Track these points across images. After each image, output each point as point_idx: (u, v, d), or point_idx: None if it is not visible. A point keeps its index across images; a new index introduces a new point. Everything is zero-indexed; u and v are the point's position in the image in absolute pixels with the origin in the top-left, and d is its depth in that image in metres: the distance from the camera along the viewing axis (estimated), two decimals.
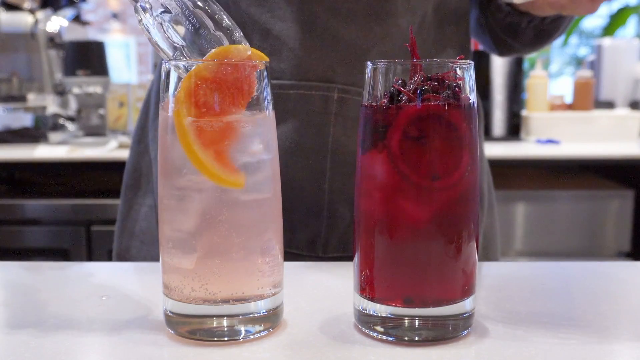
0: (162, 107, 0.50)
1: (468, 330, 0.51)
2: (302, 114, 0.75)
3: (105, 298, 0.60)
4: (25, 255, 1.96)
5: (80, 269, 0.73)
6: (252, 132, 0.50)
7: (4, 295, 0.63)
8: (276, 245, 0.52)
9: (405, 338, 0.49)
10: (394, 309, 0.49)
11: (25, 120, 2.40)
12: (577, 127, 2.32)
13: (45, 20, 2.35)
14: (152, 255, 0.85)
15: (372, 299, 0.50)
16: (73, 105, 2.38)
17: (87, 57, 2.26)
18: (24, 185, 2.14)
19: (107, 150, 2.03)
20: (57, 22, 2.42)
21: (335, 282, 0.65)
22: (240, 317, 0.50)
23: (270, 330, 0.51)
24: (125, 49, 7.31)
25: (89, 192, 2.03)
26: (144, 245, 0.86)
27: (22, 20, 2.34)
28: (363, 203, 0.51)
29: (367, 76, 0.50)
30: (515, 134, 2.34)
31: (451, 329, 0.50)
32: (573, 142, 2.27)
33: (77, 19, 2.85)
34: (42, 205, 1.95)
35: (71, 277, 0.68)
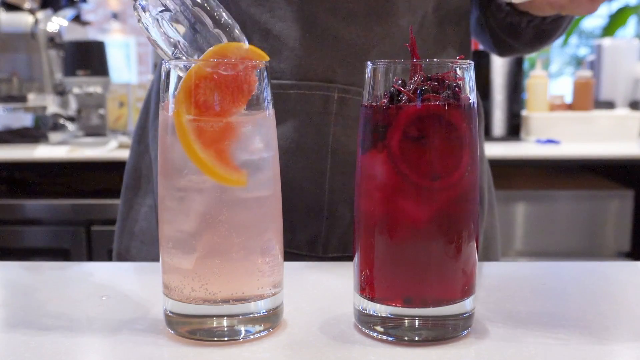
0: (162, 107, 0.50)
1: (468, 330, 0.51)
2: (302, 114, 0.75)
3: (105, 298, 0.60)
4: (25, 255, 1.96)
5: (80, 269, 0.73)
6: (253, 132, 0.50)
7: (4, 295, 0.63)
8: (276, 245, 0.52)
9: (405, 338, 0.49)
10: (394, 309, 0.49)
11: (25, 120, 2.40)
12: (577, 127, 2.32)
13: (45, 20, 2.35)
14: (152, 255, 0.85)
15: (372, 299, 0.50)
16: (73, 105, 2.38)
17: (87, 57, 2.26)
18: (24, 185, 2.14)
19: (107, 150, 2.03)
20: (57, 22, 2.42)
21: (335, 282, 0.65)
22: (240, 317, 0.50)
23: (270, 330, 0.51)
24: (125, 49, 7.31)
25: (89, 192, 2.03)
26: (144, 245, 0.86)
27: (22, 20, 2.34)
28: (363, 203, 0.51)
29: (367, 76, 0.50)
30: (515, 134, 2.34)
31: (451, 329, 0.50)
32: (573, 142, 2.26)
33: (77, 19, 2.85)
34: (42, 205, 1.95)
35: (71, 277, 0.68)
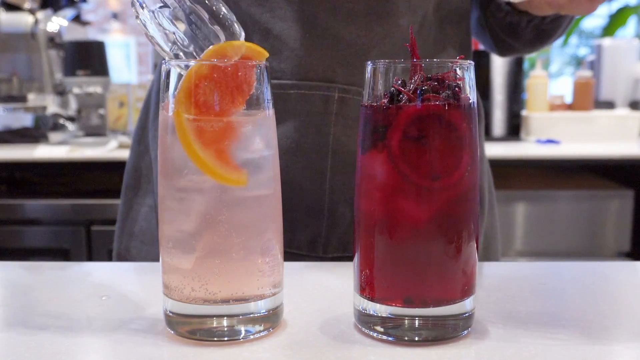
0: (162, 107, 0.50)
1: (468, 330, 0.51)
2: (302, 113, 0.75)
3: (105, 298, 0.60)
4: (25, 255, 1.96)
5: (80, 269, 0.73)
6: (253, 132, 0.50)
7: (4, 295, 0.63)
8: (276, 245, 0.52)
9: (405, 338, 0.49)
10: (394, 309, 0.49)
11: (25, 120, 2.40)
12: (577, 127, 2.32)
13: (45, 20, 2.35)
14: (152, 255, 0.85)
15: (372, 299, 0.50)
16: (73, 105, 2.38)
17: (87, 57, 2.26)
18: (24, 185, 2.14)
19: (107, 150, 2.03)
20: (57, 22, 2.42)
21: (335, 282, 0.65)
22: (240, 317, 0.50)
23: (270, 330, 0.51)
24: (125, 49, 7.31)
25: (89, 192, 2.03)
26: (144, 245, 0.86)
27: (22, 20, 2.34)
28: (363, 203, 0.51)
29: (367, 76, 0.50)
30: (515, 134, 2.34)
31: (451, 329, 0.50)
32: (573, 142, 2.26)
33: (77, 19, 2.85)
34: (42, 205, 1.95)
35: (71, 277, 0.68)
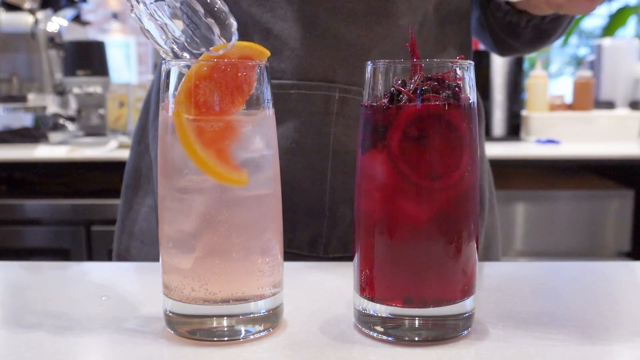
0: (162, 107, 0.50)
1: (468, 330, 0.51)
2: (303, 114, 0.75)
3: (105, 298, 0.60)
4: (25, 255, 1.96)
5: (80, 269, 0.73)
6: (253, 132, 0.50)
7: (4, 295, 0.63)
8: (276, 245, 0.52)
9: (406, 338, 0.49)
10: (394, 309, 0.49)
11: (25, 120, 2.40)
12: (577, 127, 2.32)
13: (45, 20, 2.35)
14: (152, 255, 0.85)
15: (372, 299, 0.50)
16: (73, 105, 2.38)
17: (87, 57, 2.26)
18: (24, 185, 2.14)
19: (107, 150, 2.03)
20: (57, 22, 2.42)
21: (335, 282, 0.65)
22: (240, 317, 0.50)
23: (270, 330, 0.51)
24: (125, 49, 7.31)
25: (89, 192, 2.03)
26: (144, 245, 0.86)
27: (22, 20, 2.34)
28: (363, 203, 0.51)
29: (367, 76, 0.50)
30: (515, 134, 2.34)
31: (451, 329, 0.50)
32: (573, 142, 2.26)
33: (77, 19, 2.85)
34: (42, 205, 1.95)
35: (71, 277, 0.68)
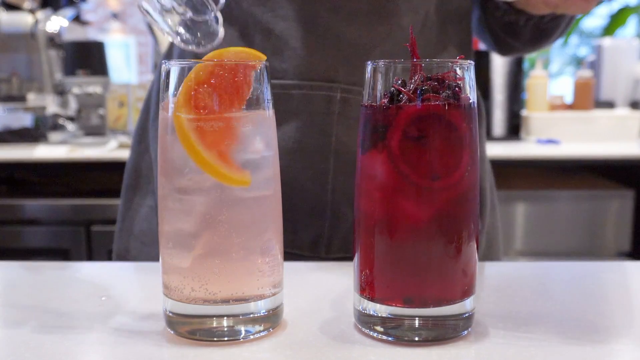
0: (162, 107, 0.50)
1: (468, 330, 0.51)
2: (304, 114, 0.75)
3: (105, 298, 0.60)
4: (25, 255, 1.96)
5: (80, 269, 0.73)
6: (253, 132, 0.50)
7: (4, 295, 0.63)
8: (276, 245, 0.52)
9: (405, 338, 0.49)
10: (394, 309, 0.49)
11: (25, 120, 2.40)
12: (577, 127, 2.32)
13: (45, 20, 2.35)
14: (152, 255, 0.85)
15: (372, 299, 0.50)
16: (73, 105, 2.38)
17: (87, 57, 2.26)
18: (24, 185, 2.14)
19: (107, 150, 2.03)
20: (57, 22, 2.42)
21: (335, 282, 0.65)
22: (240, 317, 0.50)
23: (270, 330, 0.51)
24: (125, 49, 7.31)
25: (89, 192, 2.03)
26: (144, 245, 0.86)
27: (22, 20, 2.34)
28: (363, 203, 0.51)
29: (367, 76, 0.50)
30: (515, 133, 2.34)
31: (451, 329, 0.49)
32: (573, 142, 2.27)
33: (77, 19, 2.85)
34: (42, 205, 1.95)
35: (71, 277, 0.68)
